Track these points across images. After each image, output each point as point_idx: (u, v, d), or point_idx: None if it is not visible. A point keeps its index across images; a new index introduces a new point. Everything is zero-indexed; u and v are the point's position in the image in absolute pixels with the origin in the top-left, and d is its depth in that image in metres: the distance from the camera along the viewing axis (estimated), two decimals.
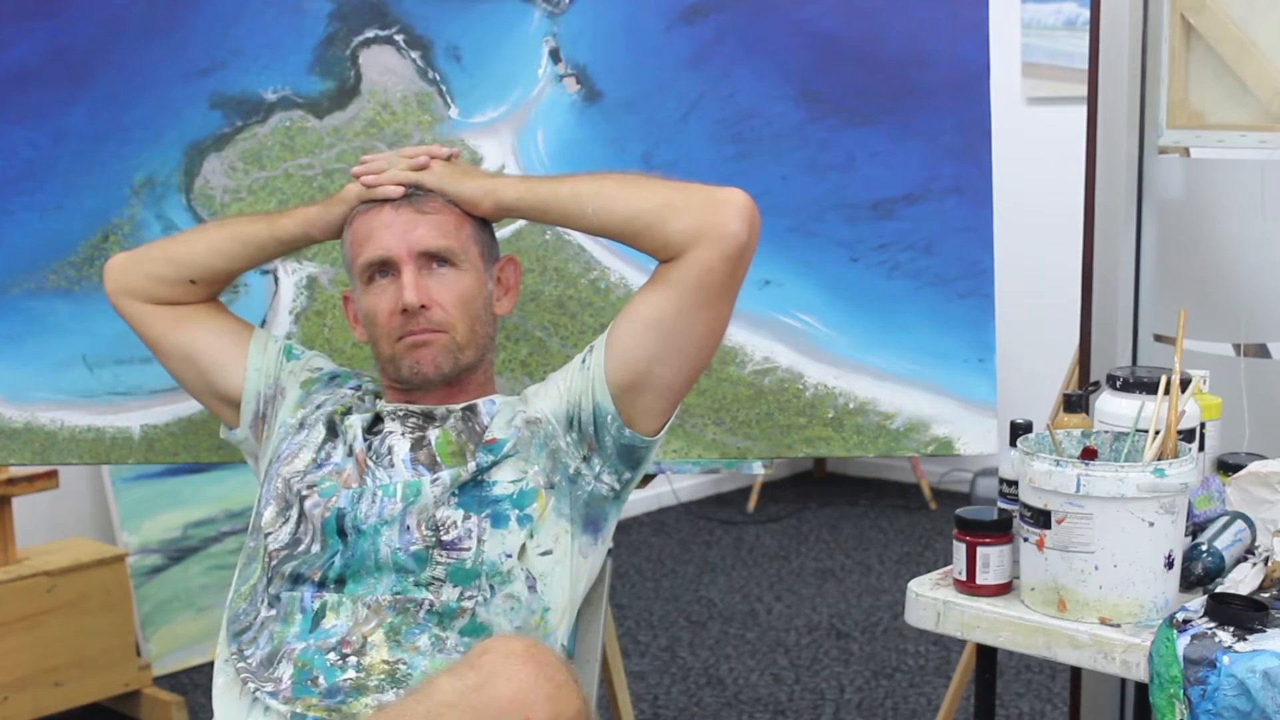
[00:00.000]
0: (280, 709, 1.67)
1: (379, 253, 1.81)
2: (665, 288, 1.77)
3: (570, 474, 1.81)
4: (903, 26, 2.05)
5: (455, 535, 1.73)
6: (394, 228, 1.81)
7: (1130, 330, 2.29)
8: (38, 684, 2.93)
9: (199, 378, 1.96)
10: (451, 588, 1.72)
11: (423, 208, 1.83)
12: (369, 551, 1.74)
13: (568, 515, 1.80)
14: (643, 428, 1.81)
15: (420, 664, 1.69)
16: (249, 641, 1.76)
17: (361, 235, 1.84)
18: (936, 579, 1.79)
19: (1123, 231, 2.27)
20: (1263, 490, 1.81)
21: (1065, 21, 4.51)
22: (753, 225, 1.75)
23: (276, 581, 1.77)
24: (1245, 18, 2.15)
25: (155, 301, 1.95)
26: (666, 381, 1.80)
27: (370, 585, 1.74)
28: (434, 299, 1.80)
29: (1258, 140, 2.16)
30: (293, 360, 1.96)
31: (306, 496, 1.78)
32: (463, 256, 1.83)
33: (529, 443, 1.79)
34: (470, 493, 1.75)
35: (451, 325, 1.81)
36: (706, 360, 1.84)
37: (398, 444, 1.81)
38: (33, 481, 2.92)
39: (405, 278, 1.79)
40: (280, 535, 1.78)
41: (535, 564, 1.76)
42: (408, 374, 1.82)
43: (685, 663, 3.45)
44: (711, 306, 1.78)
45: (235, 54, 2.10)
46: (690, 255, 1.74)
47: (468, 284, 1.83)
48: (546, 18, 2.09)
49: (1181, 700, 1.49)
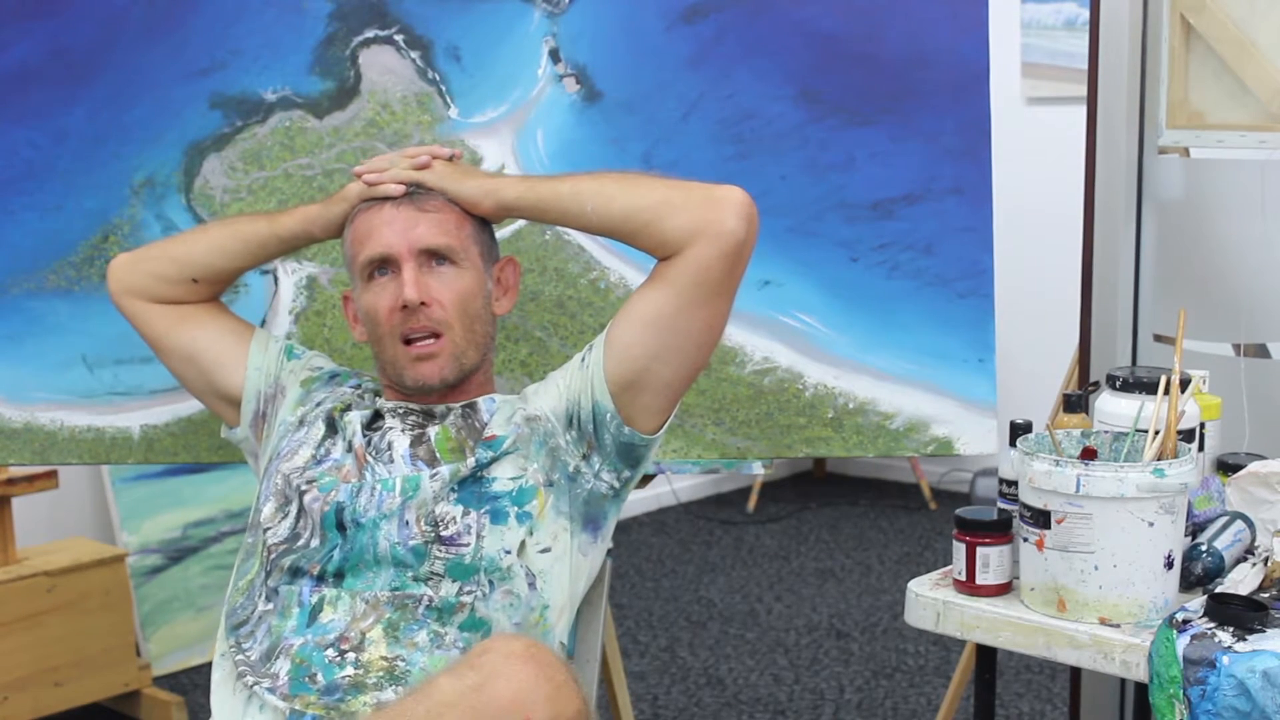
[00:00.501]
0: (278, 705, 1.67)
1: (380, 249, 1.81)
2: (664, 285, 1.77)
3: (569, 472, 1.81)
4: (903, 26, 2.05)
5: (454, 531, 1.73)
6: (395, 225, 1.81)
7: (1130, 330, 2.29)
8: (38, 684, 2.93)
9: (200, 377, 1.96)
10: (450, 583, 1.73)
11: (424, 206, 1.83)
12: (368, 545, 1.74)
13: (567, 513, 1.80)
14: (642, 426, 1.81)
15: (419, 660, 1.69)
16: (247, 635, 1.76)
17: (362, 233, 1.84)
18: (936, 579, 1.79)
19: (1123, 231, 2.27)
20: (1262, 490, 1.81)
21: (1065, 21, 4.51)
22: (751, 222, 1.75)
23: (275, 575, 1.77)
24: (1245, 18, 2.15)
25: (158, 301, 1.95)
26: (665, 380, 1.80)
27: (369, 579, 1.74)
28: (434, 296, 1.80)
29: (1258, 140, 2.16)
30: (293, 360, 1.96)
31: (306, 491, 1.78)
32: (463, 255, 1.83)
33: (528, 440, 1.80)
34: (470, 488, 1.76)
35: (450, 325, 1.81)
36: (705, 358, 1.84)
37: (397, 440, 1.81)
38: (33, 481, 2.92)
39: (406, 275, 1.79)
40: (279, 530, 1.78)
41: (535, 561, 1.76)
42: (411, 384, 1.83)
43: (685, 663, 3.45)
44: (710, 304, 1.78)
45: (235, 54, 2.10)
46: (688, 252, 1.75)
47: (468, 283, 1.83)
48: (546, 18, 2.09)
49: (1181, 700, 1.49)
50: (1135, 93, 2.24)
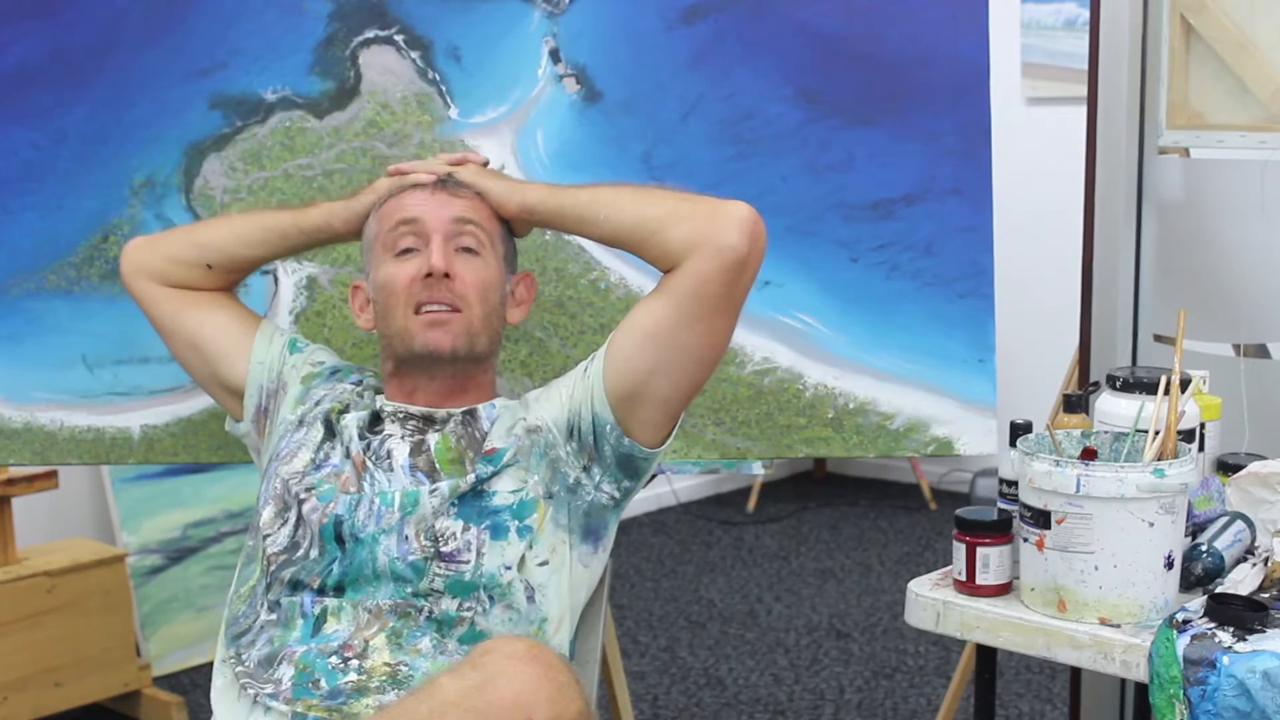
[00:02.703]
0: (281, 709, 1.67)
1: (412, 213, 1.83)
2: (664, 297, 1.77)
3: (570, 484, 1.80)
4: (903, 26, 2.05)
5: (454, 547, 1.73)
6: (429, 203, 1.84)
7: (1130, 330, 2.29)
8: (38, 684, 2.93)
9: (204, 365, 1.96)
10: (450, 599, 1.72)
11: (456, 192, 1.86)
12: (367, 560, 1.73)
13: (566, 525, 1.80)
14: (642, 439, 1.81)
15: (422, 666, 1.69)
16: (247, 645, 1.75)
17: (393, 208, 1.86)
18: (936, 579, 1.79)
19: (1123, 232, 2.27)
20: (1262, 490, 1.81)
21: (1065, 22, 4.51)
22: (754, 239, 1.74)
23: (276, 587, 1.76)
24: (1245, 18, 2.15)
25: (169, 284, 1.95)
26: (665, 394, 1.79)
27: (369, 592, 1.73)
28: (457, 273, 1.81)
29: (1258, 140, 2.16)
30: (295, 354, 1.95)
31: (305, 500, 1.77)
32: (489, 248, 1.85)
33: (529, 452, 1.79)
34: (470, 503, 1.75)
35: (469, 304, 1.81)
36: (705, 375, 1.82)
37: (397, 447, 1.80)
38: (32, 481, 2.92)
39: (434, 244, 1.81)
40: (279, 538, 1.77)
41: (534, 575, 1.76)
42: (420, 349, 1.80)
43: (685, 663, 3.45)
44: (709, 319, 1.77)
45: (235, 54, 2.10)
46: (687, 265, 1.75)
47: (491, 274, 1.84)
48: (546, 18, 2.08)
49: (1181, 700, 1.49)
50: (1135, 93, 2.24)
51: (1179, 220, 2.28)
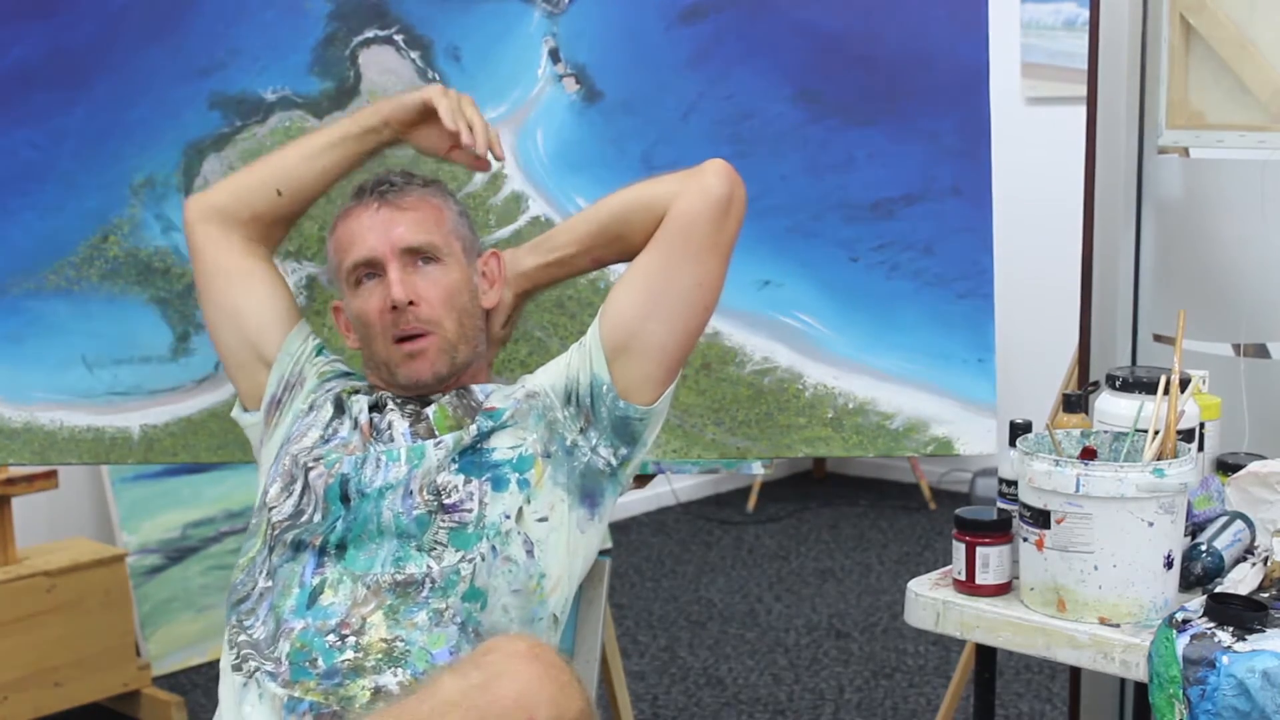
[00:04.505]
0: (277, 692, 1.68)
1: (363, 254, 1.85)
2: (653, 245, 1.83)
3: (567, 445, 1.84)
4: (902, 27, 2.06)
5: (457, 499, 1.76)
6: (375, 229, 1.85)
7: (1130, 330, 2.29)
8: (37, 684, 2.93)
9: (236, 334, 1.96)
10: (453, 552, 1.74)
11: (400, 204, 1.87)
12: (371, 515, 1.76)
13: (564, 484, 1.83)
14: (638, 397, 1.84)
15: (418, 639, 1.70)
16: (248, 613, 1.78)
17: (345, 241, 1.88)
18: (936, 579, 1.79)
19: (1122, 231, 2.27)
20: (1262, 490, 1.81)
21: (1065, 21, 4.51)
22: (733, 182, 1.83)
23: (278, 550, 1.79)
24: (1245, 18, 2.15)
25: (240, 220, 1.95)
26: (659, 341, 1.82)
27: (372, 551, 1.75)
28: (420, 295, 1.83)
29: (1257, 140, 2.16)
30: (320, 357, 1.98)
31: (312, 469, 1.81)
32: (446, 250, 1.87)
33: (526, 414, 1.83)
34: (470, 458, 1.79)
35: (439, 322, 1.84)
36: (698, 321, 1.86)
37: (397, 421, 1.84)
38: (32, 481, 2.92)
39: (391, 275, 1.83)
40: (284, 508, 1.81)
41: (533, 529, 1.79)
42: (404, 382, 1.86)
43: (685, 663, 3.45)
44: (699, 260, 1.81)
45: (235, 54, 2.10)
46: (673, 209, 1.82)
47: (454, 278, 1.87)
48: (546, 18, 2.09)
49: (1181, 700, 1.49)
50: (1135, 93, 2.24)
51: (1178, 220, 2.28)
